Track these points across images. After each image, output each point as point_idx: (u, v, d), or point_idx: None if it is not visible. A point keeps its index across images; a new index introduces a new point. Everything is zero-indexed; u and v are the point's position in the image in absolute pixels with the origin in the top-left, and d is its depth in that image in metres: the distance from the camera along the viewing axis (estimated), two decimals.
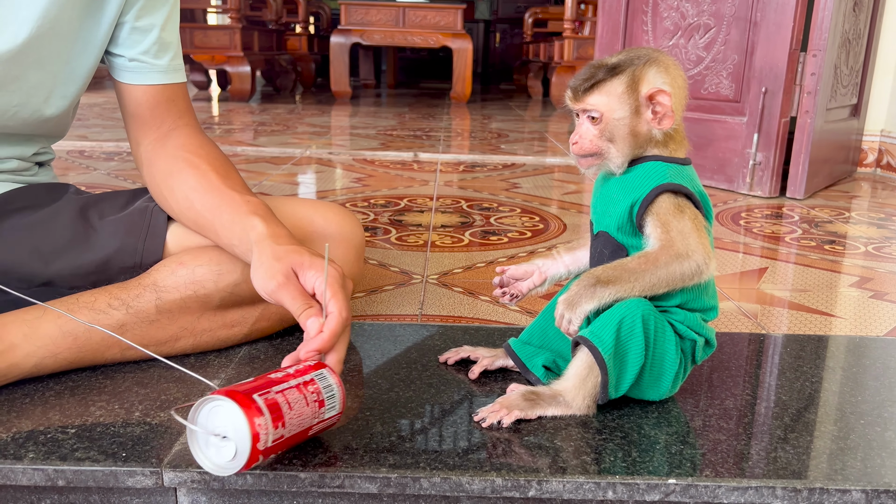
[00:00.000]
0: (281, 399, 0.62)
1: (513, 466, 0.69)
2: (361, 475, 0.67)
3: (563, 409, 0.77)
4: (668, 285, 0.72)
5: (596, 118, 0.73)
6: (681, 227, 0.71)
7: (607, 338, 0.72)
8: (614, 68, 0.73)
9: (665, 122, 0.73)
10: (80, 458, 0.68)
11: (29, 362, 0.79)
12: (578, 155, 0.76)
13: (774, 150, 2.05)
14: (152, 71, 0.93)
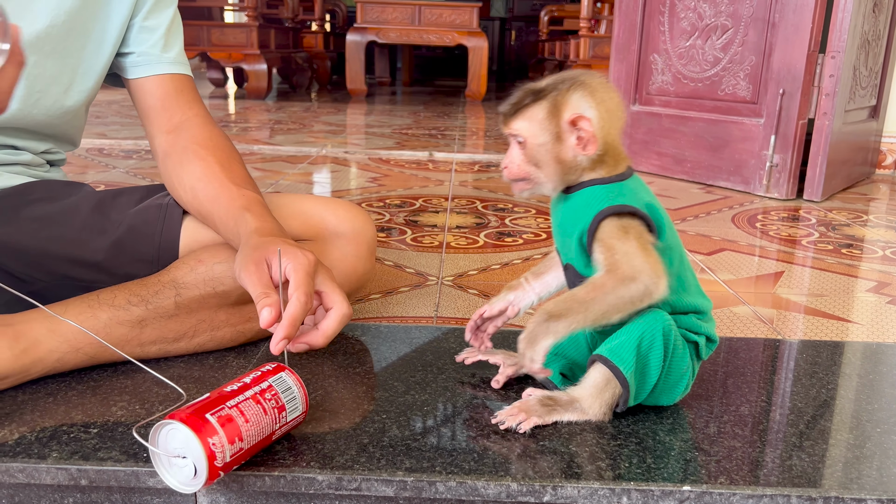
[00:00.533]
0: (235, 413, 0.63)
1: (528, 471, 0.69)
2: (378, 478, 0.67)
3: (579, 415, 0.78)
4: (618, 311, 0.72)
5: (521, 143, 0.74)
6: (625, 249, 0.71)
7: (628, 356, 0.73)
8: (539, 93, 0.73)
9: (589, 149, 0.72)
10: (103, 458, 0.69)
11: (52, 357, 0.81)
12: (509, 179, 0.76)
13: (792, 151, 2.04)
14: (160, 62, 0.98)
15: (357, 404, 0.82)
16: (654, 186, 2.26)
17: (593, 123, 0.71)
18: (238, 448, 0.63)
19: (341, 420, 0.78)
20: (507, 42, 9.44)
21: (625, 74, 2.53)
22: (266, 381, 0.68)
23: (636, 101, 2.52)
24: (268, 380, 0.68)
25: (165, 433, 0.62)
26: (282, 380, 0.69)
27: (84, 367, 0.86)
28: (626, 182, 0.75)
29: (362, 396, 0.84)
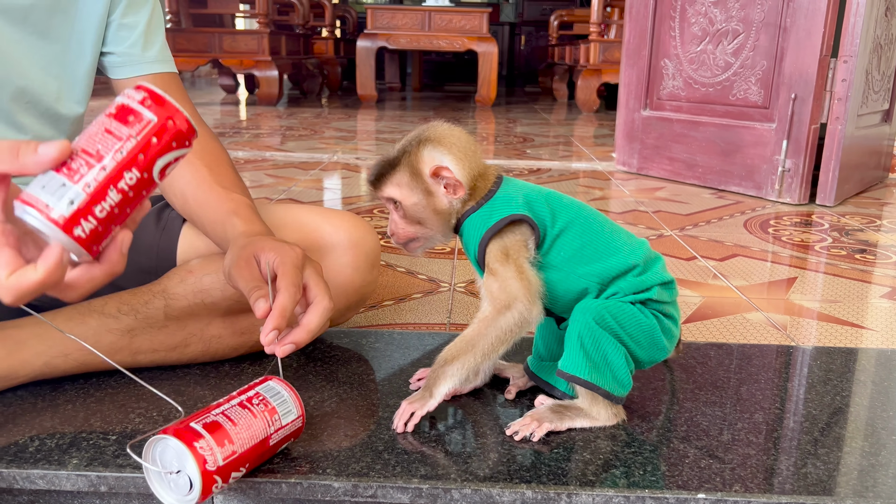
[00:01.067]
0: (222, 419, 0.63)
1: (542, 479, 0.69)
2: (394, 485, 0.68)
3: (591, 422, 0.79)
4: (503, 342, 0.76)
5: (397, 205, 0.78)
6: (504, 275, 0.75)
7: (577, 359, 0.76)
8: (394, 161, 0.77)
9: (459, 192, 0.76)
10: (122, 465, 0.70)
11: (39, 360, 0.82)
12: (398, 243, 0.80)
13: (804, 156, 2.04)
14: (141, 62, 0.97)
15: (372, 411, 0.82)
16: (665, 191, 2.26)
17: (452, 169, 0.75)
18: (230, 451, 0.62)
19: (356, 427, 0.78)
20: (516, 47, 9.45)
21: (635, 79, 2.53)
22: (252, 389, 0.68)
23: (647, 107, 2.52)
24: (254, 388, 0.69)
25: (158, 451, 0.62)
26: (269, 386, 0.69)
27: (100, 374, 0.87)
28: (497, 195, 0.77)
29: (377, 403, 0.84)
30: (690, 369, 0.95)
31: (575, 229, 0.78)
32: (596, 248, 0.78)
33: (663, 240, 1.67)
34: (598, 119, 4.58)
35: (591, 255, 0.78)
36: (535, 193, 0.78)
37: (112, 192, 0.53)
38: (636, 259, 0.79)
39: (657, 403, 0.85)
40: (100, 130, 0.53)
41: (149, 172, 0.55)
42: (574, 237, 0.78)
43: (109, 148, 0.53)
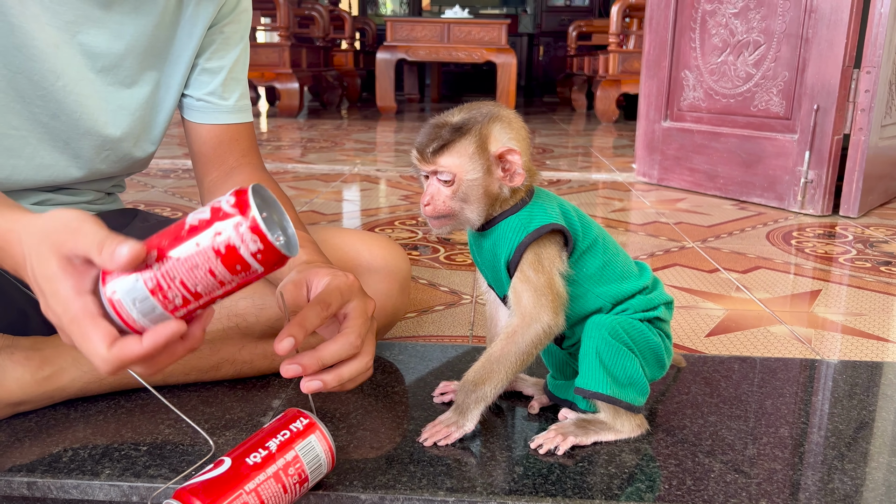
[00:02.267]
0: (253, 499, 0.60)
1: (567, 492, 0.70)
2: (420, 497, 0.69)
3: (615, 435, 0.79)
4: (529, 355, 0.75)
5: (448, 180, 0.72)
6: (537, 284, 0.73)
7: (597, 375, 0.76)
8: (460, 128, 0.71)
9: (516, 180, 0.73)
10: (153, 476, 0.71)
11: (75, 386, 0.83)
12: (431, 217, 0.74)
13: (827, 167, 2.02)
14: (217, 111, 0.97)
15: (397, 423, 0.83)
16: (686, 202, 2.26)
17: (521, 155, 0.73)
18: None
19: (381, 439, 0.79)
20: (534, 58, 9.46)
21: (655, 91, 2.53)
22: (292, 449, 0.64)
23: (667, 118, 2.52)
24: (294, 448, 0.64)
25: None
26: (310, 447, 0.65)
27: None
28: (534, 202, 0.76)
29: (402, 416, 0.85)
30: (714, 383, 0.95)
31: (598, 248, 0.78)
32: (615, 269, 0.79)
33: (685, 251, 1.67)
34: (617, 129, 4.57)
35: (609, 276, 0.78)
36: (568, 206, 0.78)
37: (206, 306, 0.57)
38: (646, 281, 0.81)
39: (681, 417, 0.85)
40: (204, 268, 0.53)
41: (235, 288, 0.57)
42: (597, 255, 0.78)
43: (210, 290, 0.54)
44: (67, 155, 0.89)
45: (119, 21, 0.86)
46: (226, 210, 0.54)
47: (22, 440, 0.77)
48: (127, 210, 1.04)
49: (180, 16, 0.92)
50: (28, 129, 0.86)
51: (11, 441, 0.77)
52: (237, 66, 0.98)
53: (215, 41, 0.96)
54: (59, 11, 0.82)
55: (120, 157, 0.93)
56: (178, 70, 0.94)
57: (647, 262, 1.57)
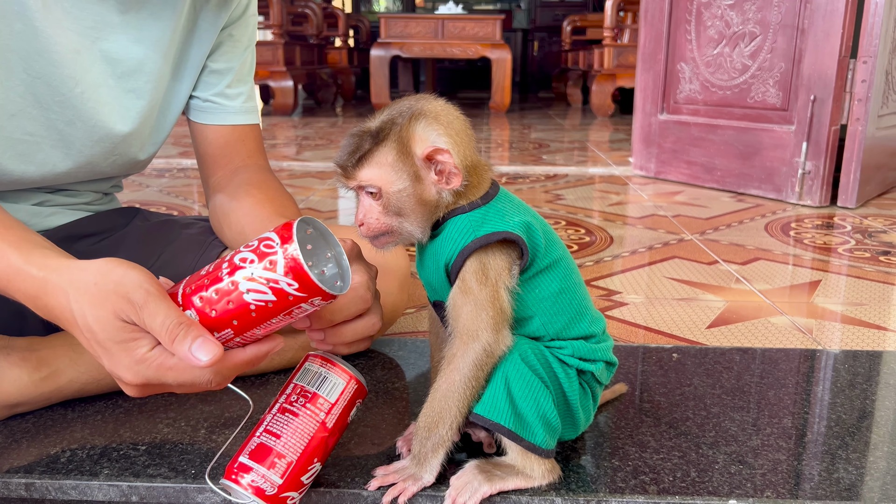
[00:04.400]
0: (265, 438, 0.63)
1: (571, 486, 0.69)
2: (423, 494, 0.68)
3: (525, 482, 0.68)
4: (478, 379, 0.65)
5: (375, 193, 0.64)
6: (478, 299, 0.64)
7: (501, 404, 0.65)
8: (378, 134, 0.63)
9: (453, 181, 0.64)
10: (153, 475, 0.71)
11: (73, 387, 0.83)
12: (368, 237, 0.66)
13: (824, 158, 2.02)
14: (224, 112, 0.97)
15: (398, 419, 0.82)
16: (683, 195, 2.25)
17: (452, 153, 0.63)
18: (285, 465, 0.61)
19: (383, 435, 0.79)
20: (529, 53, 9.46)
21: (651, 83, 2.52)
22: (290, 383, 0.66)
23: (663, 111, 2.51)
24: (292, 381, 0.66)
25: (231, 490, 0.62)
26: (305, 370, 0.66)
27: None
28: (493, 203, 0.67)
29: (402, 411, 0.85)
30: (716, 374, 0.95)
31: (559, 271, 0.69)
32: (571, 300, 0.69)
33: (684, 244, 1.66)
34: (613, 124, 4.57)
35: (563, 306, 0.69)
36: (533, 217, 0.68)
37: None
38: (597, 329, 0.72)
39: (684, 409, 0.85)
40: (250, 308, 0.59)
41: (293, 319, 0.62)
42: (555, 279, 0.68)
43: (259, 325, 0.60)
44: (77, 160, 0.89)
45: (138, 26, 0.86)
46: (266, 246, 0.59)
47: (19, 441, 0.76)
48: (126, 209, 1.03)
49: (196, 20, 0.92)
50: (42, 136, 0.85)
51: (9, 442, 0.76)
52: (244, 67, 0.98)
53: (224, 43, 0.96)
54: (80, 17, 0.81)
55: (126, 160, 0.93)
56: (189, 73, 0.94)
57: (646, 255, 1.57)
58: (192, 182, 2.47)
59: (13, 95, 0.83)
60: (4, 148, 0.85)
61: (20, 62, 0.81)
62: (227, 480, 0.62)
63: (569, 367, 0.69)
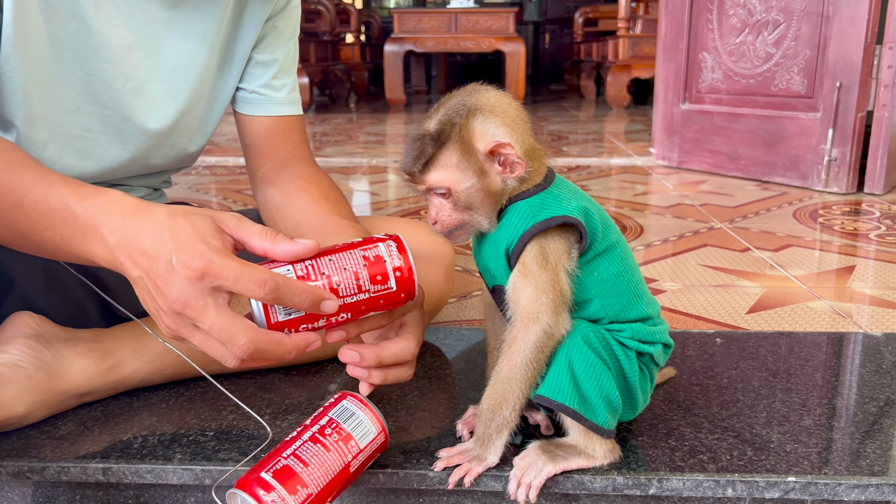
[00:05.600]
0: (293, 462, 0.60)
1: (632, 466, 0.71)
2: (487, 474, 0.70)
3: (587, 461, 0.70)
4: (539, 361, 0.66)
5: (444, 193, 0.66)
6: (539, 282, 0.65)
7: (565, 385, 0.67)
8: (438, 136, 0.65)
9: (517, 170, 0.66)
10: (224, 459, 0.73)
11: (137, 377, 0.85)
12: (442, 233, 0.69)
13: (851, 145, 2.02)
14: (270, 103, 0.99)
15: (453, 403, 0.84)
16: (708, 184, 2.26)
17: (513, 144, 0.65)
18: (305, 495, 0.60)
19: (441, 418, 0.81)
20: (540, 45, 9.44)
21: (673, 73, 2.52)
22: (325, 416, 0.65)
23: (686, 100, 2.51)
24: (328, 414, 0.65)
25: (238, 499, 0.60)
26: (343, 408, 0.66)
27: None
28: (550, 189, 0.68)
29: (457, 396, 0.87)
30: (761, 358, 0.96)
31: (616, 254, 0.70)
32: (628, 282, 0.71)
33: (714, 232, 1.67)
34: (628, 115, 4.56)
35: (621, 289, 0.70)
36: (589, 202, 0.70)
37: (321, 321, 0.64)
38: (654, 312, 0.74)
39: (733, 391, 0.86)
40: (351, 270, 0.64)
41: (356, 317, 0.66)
42: (613, 262, 0.70)
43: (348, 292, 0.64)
44: (132, 154, 0.91)
45: (186, 21, 0.88)
46: (379, 237, 0.66)
47: (91, 429, 0.79)
48: (176, 203, 1.05)
49: (241, 12, 0.94)
50: (100, 132, 0.87)
51: (81, 430, 0.78)
52: (288, 59, 1.00)
53: (268, 34, 0.97)
54: (131, 14, 0.84)
55: (176, 151, 0.95)
56: (236, 65, 0.96)
57: (677, 243, 1.58)
58: (222, 179, 2.50)
59: (70, 93, 0.85)
60: (63, 144, 0.87)
61: (76, 60, 0.83)
62: (241, 491, 0.59)
63: (628, 350, 0.71)
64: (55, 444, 0.75)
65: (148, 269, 0.59)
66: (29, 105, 0.82)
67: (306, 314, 0.62)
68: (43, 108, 0.84)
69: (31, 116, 0.83)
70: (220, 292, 0.58)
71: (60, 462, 0.73)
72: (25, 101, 0.82)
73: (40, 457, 0.73)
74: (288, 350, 0.61)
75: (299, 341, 0.61)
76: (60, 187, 0.64)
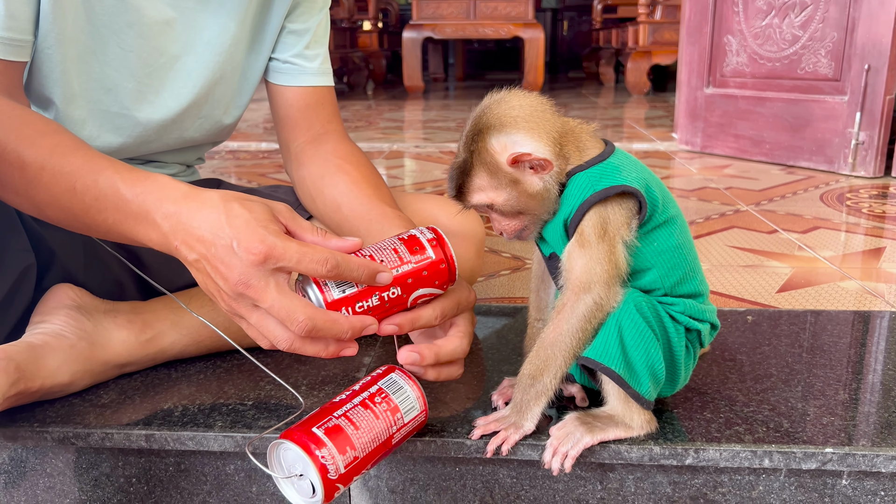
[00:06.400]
0: (344, 422, 0.61)
1: (667, 436, 0.71)
2: (525, 442, 0.70)
3: (625, 431, 0.70)
4: (585, 332, 0.67)
5: (492, 206, 0.69)
6: (595, 252, 0.66)
7: (613, 350, 0.67)
8: (465, 167, 0.68)
9: (548, 167, 0.67)
10: (264, 427, 0.74)
11: (175, 348, 0.86)
12: (511, 238, 0.72)
13: (879, 128, 2.00)
14: (303, 73, 0.99)
15: (487, 376, 0.85)
16: (732, 168, 2.24)
17: (531, 149, 0.66)
18: (352, 457, 0.61)
19: (475, 390, 0.81)
20: (559, 32, 9.38)
21: (697, 57, 2.50)
22: (375, 384, 0.66)
23: (710, 84, 2.49)
24: (377, 383, 0.66)
25: (281, 451, 0.62)
26: (392, 381, 0.67)
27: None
28: (609, 161, 0.69)
29: (491, 369, 0.87)
30: (794, 335, 0.96)
31: (676, 227, 0.71)
32: (685, 256, 0.71)
33: (740, 214, 1.66)
34: (648, 101, 4.53)
35: (679, 261, 0.70)
36: (649, 175, 0.70)
37: (374, 296, 0.64)
38: (705, 290, 0.74)
39: (766, 367, 0.86)
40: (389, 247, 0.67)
41: (407, 295, 0.67)
42: (672, 234, 0.70)
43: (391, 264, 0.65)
44: (170, 130, 0.92)
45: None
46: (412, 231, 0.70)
47: (132, 398, 0.80)
48: (209, 179, 1.06)
49: None
50: (136, 108, 0.88)
51: (122, 399, 0.80)
52: (320, 29, 1.00)
53: (301, 3, 0.97)
54: None
55: (211, 124, 0.96)
56: (269, 36, 0.96)
57: (704, 225, 1.57)
58: (244, 163, 2.51)
59: (108, 70, 0.86)
60: (103, 122, 0.88)
61: (113, 37, 0.84)
62: (292, 443, 0.60)
63: (678, 324, 0.71)
64: (98, 412, 0.77)
65: (206, 254, 0.60)
66: (67, 82, 0.84)
67: (360, 290, 0.64)
68: (81, 85, 0.85)
69: (69, 93, 0.85)
70: (282, 273, 0.60)
71: (104, 428, 0.74)
72: (63, 77, 0.83)
73: (84, 423, 0.75)
74: (345, 329, 0.62)
75: (356, 323, 0.63)
76: (111, 172, 0.65)
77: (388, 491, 0.77)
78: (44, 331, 0.78)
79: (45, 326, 0.78)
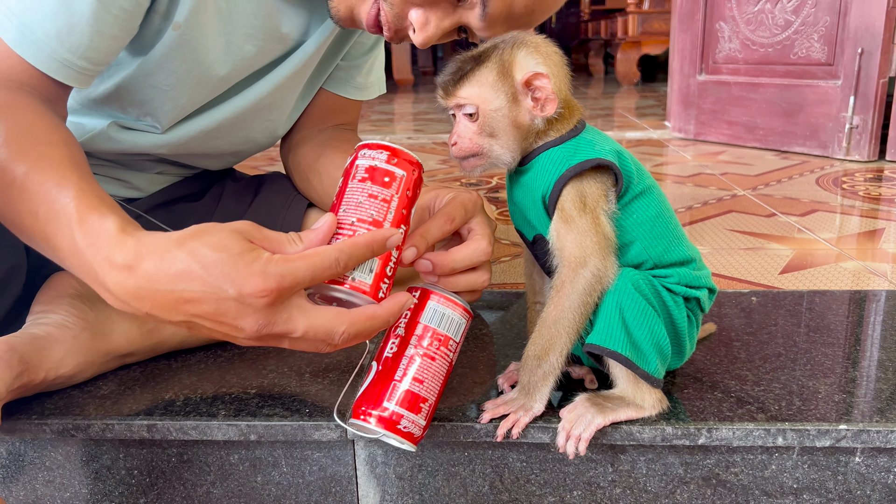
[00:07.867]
0: (411, 384, 0.62)
1: (679, 416, 0.70)
2: (535, 426, 0.69)
3: (637, 412, 0.69)
4: (587, 306, 0.66)
5: (472, 114, 0.66)
6: (580, 226, 0.65)
7: (616, 332, 0.66)
8: (479, 57, 0.66)
9: (548, 108, 0.65)
10: (268, 415, 0.72)
11: (175, 339, 0.85)
12: (459, 157, 0.68)
13: (872, 112, 2.00)
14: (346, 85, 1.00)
15: (494, 361, 0.84)
16: (726, 155, 2.24)
17: (550, 80, 0.65)
18: (428, 407, 0.63)
19: (482, 375, 0.80)
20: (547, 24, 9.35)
21: (689, 44, 2.50)
22: (418, 324, 0.64)
23: (702, 71, 2.49)
24: (419, 322, 0.64)
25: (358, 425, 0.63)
26: (433, 311, 0.64)
27: None
28: (581, 136, 0.68)
29: (496, 354, 0.86)
30: (799, 315, 0.95)
31: (652, 196, 0.70)
32: (667, 224, 0.71)
33: (738, 199, 1.66)
34: (638, 91, 4.53)
35: (661, 230, 0.70)
36: (622, 149, 0.70)
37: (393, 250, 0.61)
38: (695, 254, 0.74)
39: (774, 346, 0.86)
40: (364, 194, 0.60)
41: (407, 225, 0.62)
42: (650, 204, 0.70)
43: (382, 211, 0.60)
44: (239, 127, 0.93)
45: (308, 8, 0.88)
46: (351, 157, 0.63)
47: (132, 389, 0.79)
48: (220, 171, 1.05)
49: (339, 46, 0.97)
50: None
51: (122, 390, 0.78)
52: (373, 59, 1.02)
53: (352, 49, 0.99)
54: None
55: (273, 129, 0.97)
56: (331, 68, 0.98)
57: (702, 210, 1.57)
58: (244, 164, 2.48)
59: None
60: None
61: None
62: (369, 424, 0.62)
63: (676, 296, 0.70)
64: (98, 403, 0.75)
65: (199, 313, 0.52)
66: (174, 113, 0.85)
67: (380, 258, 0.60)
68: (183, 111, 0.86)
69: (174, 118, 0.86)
70: (298, 294, 0.55)
71: (105, 419, 0.72)
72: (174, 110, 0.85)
73: (84, 415, 0.73)
74: (385, 319, 0.58)
75: (393, 307, 0.58)
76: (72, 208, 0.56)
77: (396, 478, 0.76)
78: (46, 321, 0.76)
79: (48, 317, 0.77)
